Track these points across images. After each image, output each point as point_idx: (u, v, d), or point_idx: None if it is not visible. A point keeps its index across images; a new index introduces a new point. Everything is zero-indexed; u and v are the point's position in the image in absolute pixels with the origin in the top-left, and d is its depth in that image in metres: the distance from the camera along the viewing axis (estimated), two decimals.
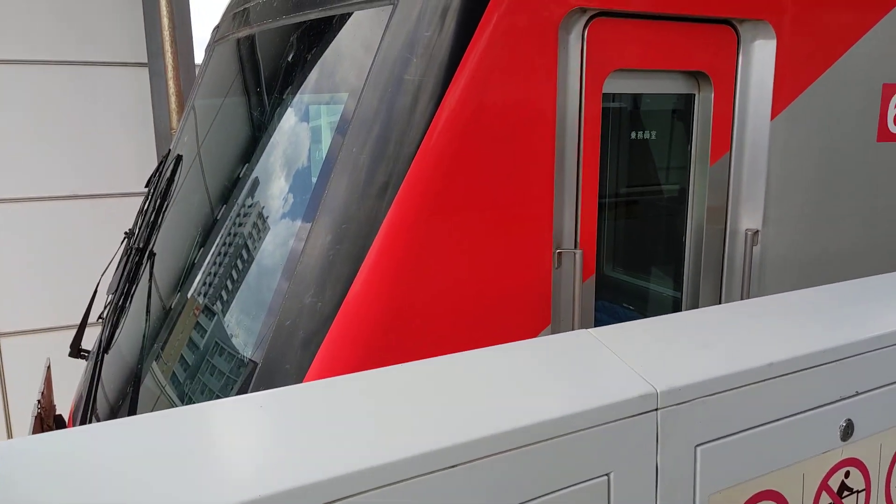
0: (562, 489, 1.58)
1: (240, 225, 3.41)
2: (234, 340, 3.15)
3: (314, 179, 3.05)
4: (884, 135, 3.85)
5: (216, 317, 3.31)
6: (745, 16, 3.36)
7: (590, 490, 1.62)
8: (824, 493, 2.06)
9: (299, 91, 3.32)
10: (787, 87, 3.49)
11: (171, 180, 4.09)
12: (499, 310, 3.01)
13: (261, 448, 1.45)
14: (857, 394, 2.08)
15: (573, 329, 3.20)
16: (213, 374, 3.18)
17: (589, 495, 1.62)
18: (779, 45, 3.41)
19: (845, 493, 2.11)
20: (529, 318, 3.08)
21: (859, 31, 3.65)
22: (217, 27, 4.44)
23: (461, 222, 2.88)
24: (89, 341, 4.30)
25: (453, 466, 1.44)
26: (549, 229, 3.08)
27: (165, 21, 6.64)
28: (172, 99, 6.70)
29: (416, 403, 1.61)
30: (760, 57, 3.46)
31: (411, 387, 1.70)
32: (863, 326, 2.17)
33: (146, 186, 4.56)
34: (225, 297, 3.32)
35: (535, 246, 3.06)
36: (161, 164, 4.48)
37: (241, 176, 3.52)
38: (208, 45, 4.51)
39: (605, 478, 1.64)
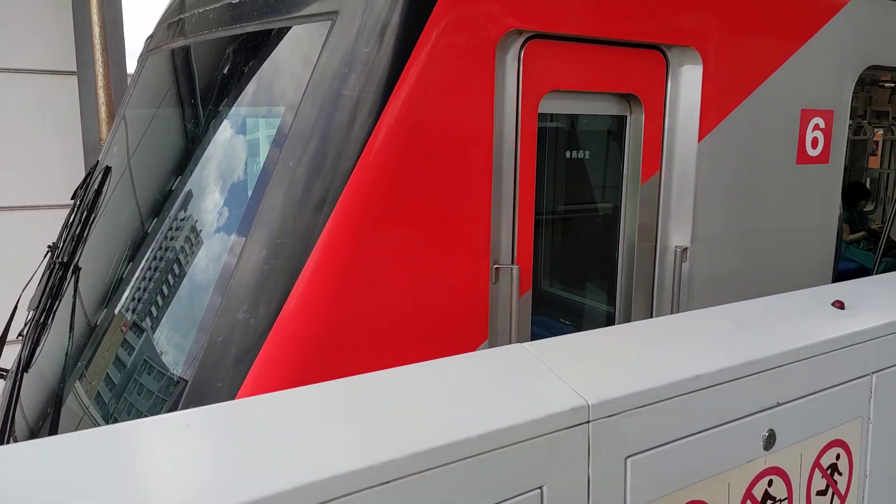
0: (496, 503, 1.59)
1: (171, 239, 3.33)
2: (163, 358, 3.06)
3: (249, 193, 3.00)
4: (803, 158, 4.04)
5: (144, 334, 3.21)
6: (674, 42, 3.49)
7: (523, 503, 1.63)
8: (749, 502, 2.12)
9: (235, 104, 3.27)
10: (713, 111, 3.63)
11: (98, 192, 3.96)
12: (437, 325, 3.01)
13: (187, 468, 1.41)
14: (779, 404, 2.16)
15: (510, 343, 3.23)
16: (140, 393, 3.08)
17: None
18: (705, 70, 3.56)
19: (769, 501, 2.19)
20: (467, 333, 3.09)
21: (779, 60, 3.84)
22: (150, 37, 4.34)
23: (399, 238, 2.88)
24: (8, 360, 4.10)
25: (385, 483, 1.43)
26: (487, 245, 3.11)
27: (97, 29, 6.45)
28: (102, 109, 6.50)
29: (348, 420, 1.60)
30: (688, 81, 3.59)
31: (342, 403, 1.68)
32: (783, 339, 2.26)
33: (72, 198, 4.40)
34: (154, 314, 3.22)
35: (472, 261, 3.08)
36: (89, 175, 4.33)
37: (172, 189, 3.43)
38: (141, 55, 4.41)
39: (539, 491, 1.65)
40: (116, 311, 3.44)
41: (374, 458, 1.43)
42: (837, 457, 2.41)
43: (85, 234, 3.84)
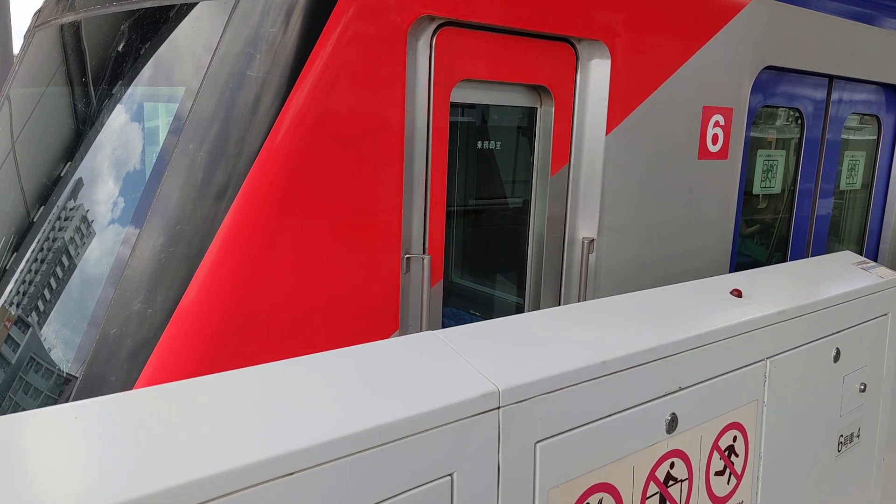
0: (405, 492, 1.56)
1: (60, 228, 3.12)
2: (52, 354, 2.86)
3: (146, 178, 2.84)
4: (704, 153, 4.20)
5: (31, 329, 3.00)
6: (583, 35, 3.54)
7: (433, 491, 1.60)
8: (652, 484, 2.17)
9: (131, 84, 3.09)
10: (620, 105, 3.71)
11: None
12: (347, 315, 2.95)
13: (74, 463, 1.30)
14: (681, 389, 2.22)
15: None
16: (27, 392, 2.88)
17: (432, 496, 1.60)
18: (613, 65, 3.63)
19: (671, 482, 2.25)
20: (378, 323, 3.04)
21: (682, 58, 3.97)
22: (39, 11, 4.06)
23: (306, 226, 2.80)
24: None
25: (290, 474, 1.37)
26: (398, 235, 3.06)
27: None
28: None
29: (250, 411, 1.52)
30: (597, 75, 3.66)
31: (244, 393, 1.60)
32: (685, 326, 2.33)
33: None
34: (42, 307, 3.01)
35: (383, 251, 3.03)
36: None
37: (62, 174, 3.22)
38: (28, 31, 4.12)
39: (449, 478, 1.63)
40: (0, 305, 3.20)
41: (278, 449, 1.37)
42: (734, 439, 2.50)
43: None
